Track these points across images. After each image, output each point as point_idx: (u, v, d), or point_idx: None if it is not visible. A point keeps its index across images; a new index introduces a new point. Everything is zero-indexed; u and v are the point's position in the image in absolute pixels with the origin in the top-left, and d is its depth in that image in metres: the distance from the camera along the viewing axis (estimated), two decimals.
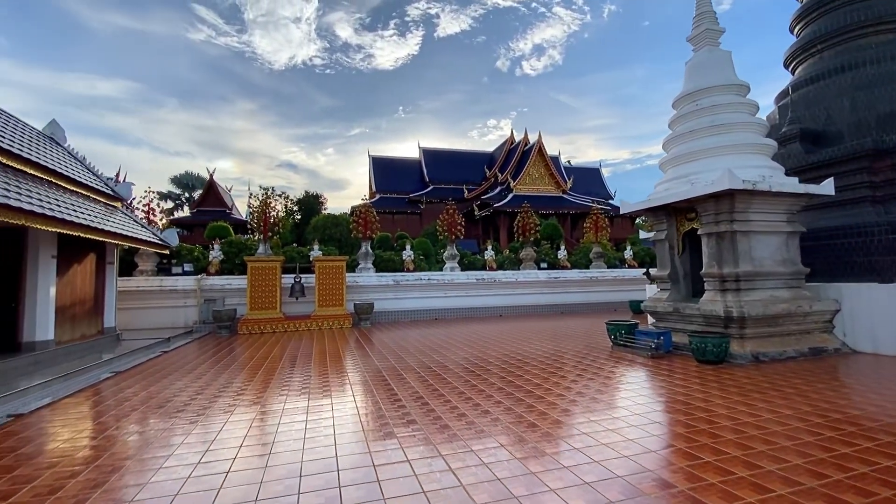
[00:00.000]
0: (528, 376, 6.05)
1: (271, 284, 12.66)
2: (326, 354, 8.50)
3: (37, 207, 6.36)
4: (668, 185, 8.08)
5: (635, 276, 18.36)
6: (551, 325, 12.49)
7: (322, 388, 6.03)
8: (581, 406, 4.64)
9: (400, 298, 15.15)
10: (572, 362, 6.99)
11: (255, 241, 15.21)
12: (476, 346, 8.92)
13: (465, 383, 5.85)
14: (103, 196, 10.64)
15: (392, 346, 9.41)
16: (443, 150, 45.03)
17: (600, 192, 45.98)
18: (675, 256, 8.17)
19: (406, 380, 6.25)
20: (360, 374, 6.74)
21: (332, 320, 12.87)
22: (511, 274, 16.71)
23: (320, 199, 38.85)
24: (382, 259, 16.49)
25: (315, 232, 28.86)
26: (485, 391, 5.40)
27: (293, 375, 6.78)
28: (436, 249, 22.11)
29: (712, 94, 7.86)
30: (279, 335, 11.74)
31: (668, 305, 7.87)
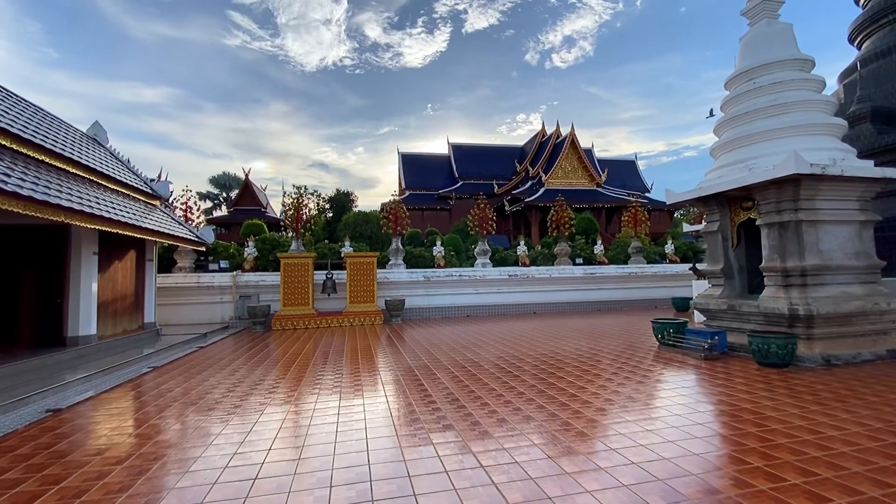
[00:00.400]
0: (567, 377, 5.65)
1: (303, 281, 12.68)
2: (358, 351, 8.35)
3: (76, 204, 6.45)
4: (722, 171, 7.45)
5: (677, 271, 17.47)
6: (589, 322, 11.96)
7: (354, 384, 5.84)
8: (632, 413, 4.22)
9: (431, 295, 14.93)
10: (616, 363, 6.53)
11: (287, 238, 15.32)
12: (509, 344, 8.56)
13: (499, 381, 5.51)
14: (143, 195, 10.89)
15: (424, 343, 9.18)
16: (472, 145, 44.57)
17: (636, 185, 44.37)
18: (728, 249, 7.54)
19: (438, 378, 5.98)
20: (391, 372, 6.52)
21: (363, 317, 12.79)
22: (545, 270, 16.19)
23: (351, 197, 39.20)
24: (413, 255, 16.31)
25: (346, 229, 29.14)
26: (522, 392, 5.05)
27: (326, 372, 6.63)
28: (466, 245, 21.79)
29: (772, 70, 7.16)
30: (311, 331, 11.74)
31: (722, 302, 7.26)
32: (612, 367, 6.22)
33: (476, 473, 3.04)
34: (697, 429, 3.75)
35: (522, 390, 5.19)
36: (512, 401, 4.75)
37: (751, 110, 7.10)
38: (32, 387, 5.45)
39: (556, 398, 4.77)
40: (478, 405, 4.63)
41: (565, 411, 4.32)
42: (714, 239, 7.69)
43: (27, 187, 5.48)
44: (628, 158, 49.00)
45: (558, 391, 5.04)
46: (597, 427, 3.88)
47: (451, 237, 23.73)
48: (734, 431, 3.67)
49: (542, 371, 6.18)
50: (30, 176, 6.08)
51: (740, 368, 5.90)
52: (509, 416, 4.29)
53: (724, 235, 7.56)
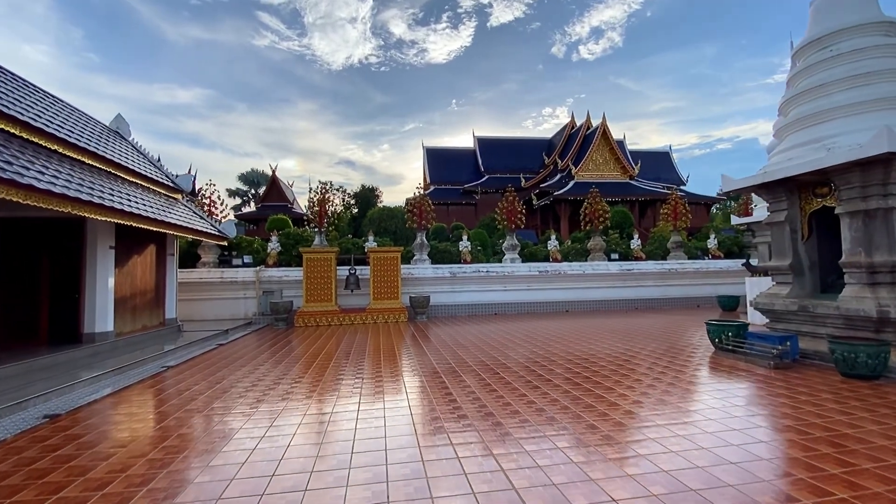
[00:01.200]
0: (614, 387, 4.95)
1: (326, 276, 12.30)
2: (382, 350, 7.84)
3: (85, 195, 6.14)
4: (791, 153, 6.52)
5: (721, 268, 16.28)
6: (627, 322, 11.10)
7: (375, 385, 5.33)
8: (703, 438, 3.50)
9: (457, 291, 14.33)
10: (669, 371, 5.77)
11: (311, 233, 15.02)
12: (540, 345, 7.86)
13: (529, 386, 4.86)
14: (164, 188, 10.69)
15: (449, 342, 8.60)
16: (498, 139, 43.63)
17: (671, 178, 42.50)
18: (798, 242, 6.61)
19: (463, 379, 5.40)
20: (414, 373, 5.97)
21: (387, 314, 12.31)
22: (578, 266, 15.33)
23: (376, 193, 39.03)
24: (438, 250, 15.74)
25: (371, 224, 28.91)
26: (557, 403, 4.39)
27: (347, 372, 6.14)
28: (493, 240, 21.08)
29: (851, 35, 6.19)
30: (335, 328, 11.34)
31: (791, 303, 6.36)
32: (664, 377, 5.47)
33: (496, 477, 2.96)
34: (797, 465, 3.01)
35: (554, 410, 4.52)
36: (545, 409, 4.10)
37: (827, 82, 6.16)
38: (37, 387, 5.14)
39: (604, 415, 4.09)
40: (507, 412, 4.02)
41: (618, 432, 3.65)
42: (780, 231, 6.78)
43: (30, 176, 5.17)
44: (663, 150, 47.06)
45: (608, 406, 4.35)
46: (660, 461, 3.19)
47: (478, 232, 23.06)
48: (847, 469, 2.91)
49: (578, 381, 5.48)
50: (37, 165, 5.79)
51: (821, 380, 5.05)
52: (541, 426, 3.64)
53: (792, 227, 6.64)
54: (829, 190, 6.15)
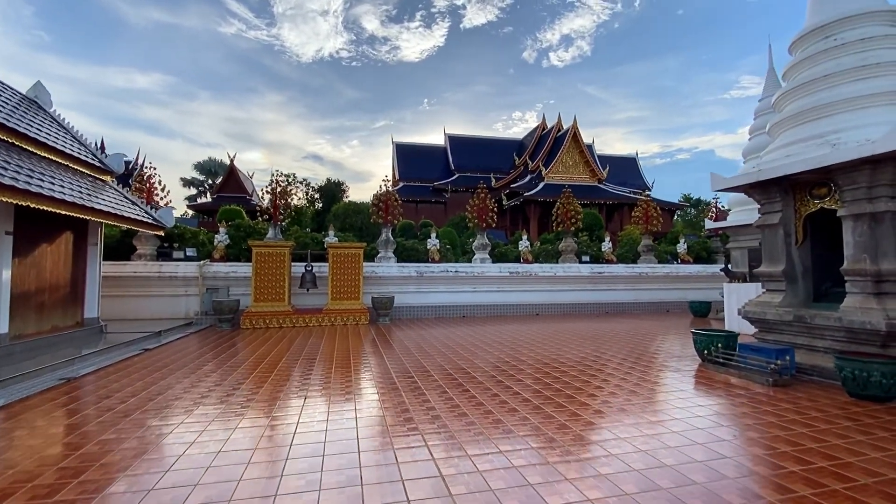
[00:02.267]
0: (599, 410, 4.22)
1: (279, 273, 11.13)
2: (336, 355, 6.86)
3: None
4: (788, 150, 6.03)
5: (691, 272, 16.16)
6: (601, 327, 10.55)
7: (323, 395, 4.38)
8: (713, 478, 2.78)
9: (423, 292, 13.45)
10: (660, 388, 5.11)
11: (264, 226, 13.75)
12: (508, 351, 7.10)
13: (495, 400, 4.06)
14: (88, 167, 9.25)
15: (412, 347, 7.71)
16: (469, 137, 43.04)
17: (637, 183, 43.23)
18: (792, 247, 6.14)
19: (423, 392, 4.56)
20: (369, 382, 5.07)
21: (346, 315, 11.28)
22: (549, 267, 14.77)
23: (342, 187, 37.54)
24: (404, 248, 14.81)
25: (335, 220, 27.64)
26: (524, 426, 3.60)
27: (294, 380, 5.16)
28: (462, 240, 20.35)
29: (857, 24, 5.75)
30: (286, 330, 10.21)
31: (785, 312, 5.86)
32: (655, 395, 4.80)
33: None
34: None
35: (523, 429, 3.73)
36: (511, 433, 3.31)
37: (831, 73, 5.68)
38: None
39: (574, 443, 3.32)
40: (469, 435, 3.19)
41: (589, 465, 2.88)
42: (773, 234, 6.28)
43: None
44: (629, 156, 47.88)
45: (588, 432, 3.59)
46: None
47: (447, 230, 22.27)
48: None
49: (550, 408, 4.72)
50: None
51: (830, 402, 4.50)
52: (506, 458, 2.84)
53: (786, 230, 6.15)
54: (828, 191, 5.68)
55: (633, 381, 5.39)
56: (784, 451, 3.26)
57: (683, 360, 6.73)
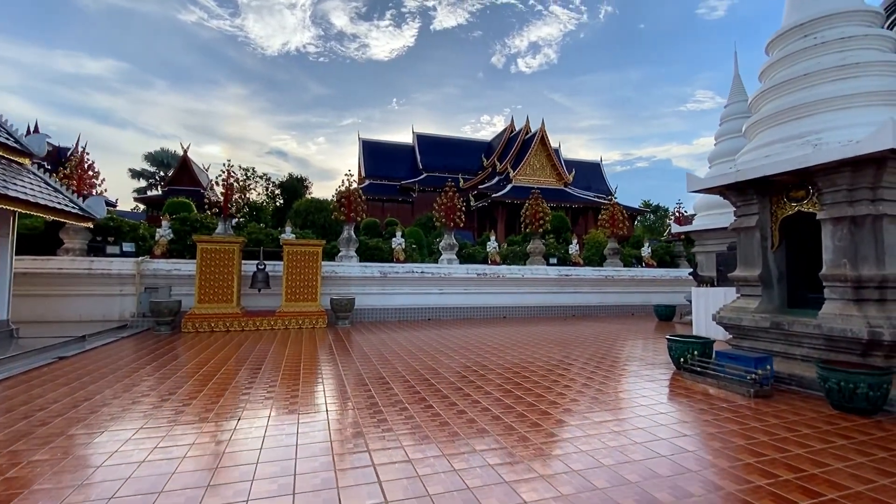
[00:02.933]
0: (576, 427, 3.77)
1: (227, 271, 10.19)
2: (286, 363, 6.13)
3: None
4: (766, 150, 5.83)
5: (655, 276, 16.26)
6: (569, 331, 10.24)
7: (264, 409, 3.70)
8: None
9: (387, 294, 12.79)
10: (638, 402, 4.72)
11: (214, 220, 12.69)
12: (474, 358, 6.61)
13: (461, 417, 3.55)
14: (1, 149, 8.07)
15: (371, 353, 7.07)
16: (438, 137, 42.55)
17: (601, 188, 44.03)
18: (768, 251, 5.94)
19: (379, 408, 3.94)
20: (319, 394, 4.39)
21: (302, 318, 10.46)
22: (517, 269, 14.44)
23: (305, 184, 36.12)
24: (368, 247, 14.09)
25: (297, 217, 26.49)
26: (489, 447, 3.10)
27: (237, 388, 4.43)
28: (429, 240, 19.82)
29: (836, 23, 5.61)
30: (234, 335, 9.31)
31: (762, 318, 5.64)
32: (631, 409, 4.40)
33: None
34: None
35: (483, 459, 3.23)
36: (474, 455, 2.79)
37: (812, 72, 5.51)
38: None
39: (551, 473, 2.84)
40: (425, 466, 2.65)
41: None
42: (749, 238, 6.08)
43: None
44: (594, 161, 48.74)
45: (561, 455, 3.12)
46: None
47: (413, 230, 21.67)
48: None
49: (518, 424, 4.25)
50: None
51: (816, 415, 4.23)
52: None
53: (763, 233, 5.95)
54: (805, 193, 5.50)
55: (609, 394, 4.99)
56: (787, 480, 2.88)
57: (657, 367, 6.43)
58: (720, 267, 9.16)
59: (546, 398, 4.75)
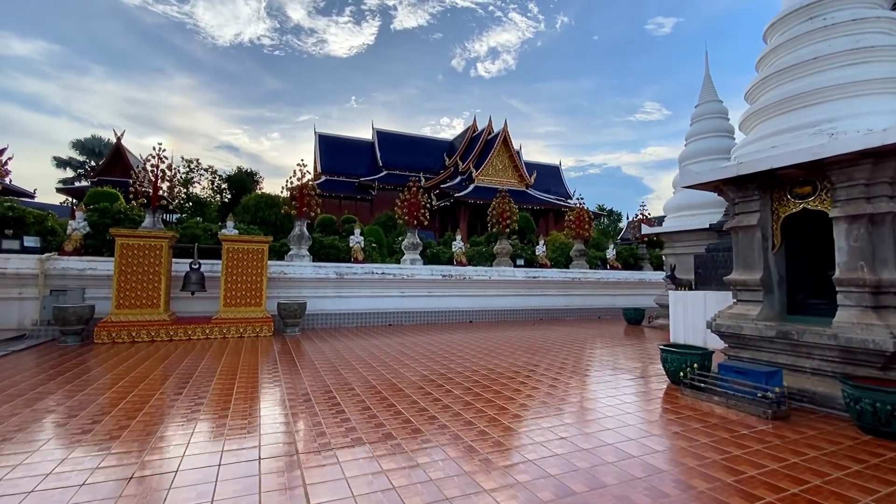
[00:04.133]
0: (557, 453, 2.95)
1: (153, 271, 8.70)
2: (221, 377, 4.93)
3: None
4: (769, 141, 5.32)
5: (620, 278, 16.04)
6: (541, 336, 9.54)
7: (186, 427, 2.61)
8: None
9: (343, 297, 11.63)
10: (645, 428, 3.98)
11: (141, 212, 11.05)
12: (438, 366, 5.71)
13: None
14: None
15: (322, 365, 5.99)
16: (399, 134, 41.38)
17: (560, 191, 44.48)
18: (769, 252, 5.43)
19: (326, 441, 2.94)
20: (257, 416, 3.32)
21: (243, 325, 9.14)
22: (484, 271, 13.68)
23: (255, 178, 33.87)
24: (323, 245, 12.86)
25: (245, 213, 24.58)
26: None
27: (148, 413, 3.27)
28: (389, 240, 18.75)
29: (846, 4, 5.17)
30: (160, 345, 7.90)
31: (766, 327, 5.10)
32: (640, 435, 3.64)
33: None
34: None
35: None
36: None
37: (822, 55, 5.02)
38: None
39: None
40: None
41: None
42: (749, 238, 5.55)
43: None
44: (553, 165, 49.23)
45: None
46: None
47: (373, 229, 20.50)
48: None
49: (500, 448, 3.39)
50: None
51: (851, 442, 3.64)
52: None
53: (763, 233, 5.43)
54: (812, 189, 5.01)
55: (611, 416, 4.22)
56: None
57: (648, 380, 5.79)
58: (698, 269, 8.76)
59: (526, 425, 3.90)
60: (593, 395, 5.07)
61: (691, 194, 11.25)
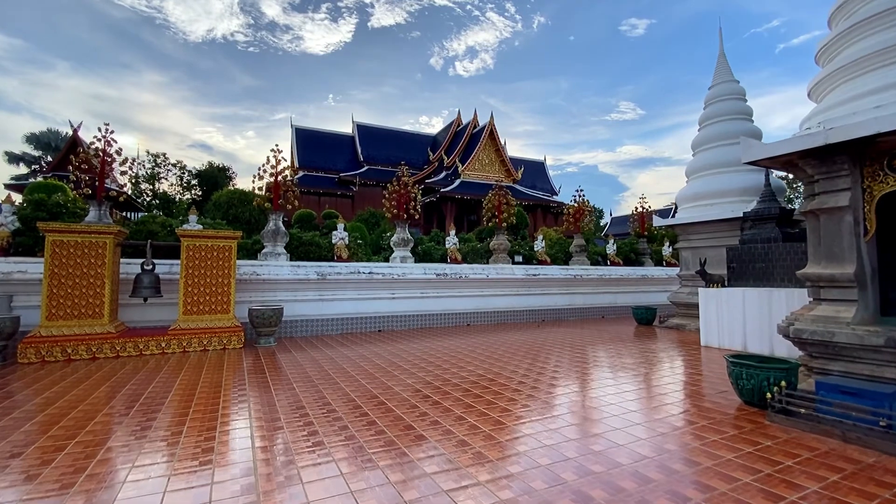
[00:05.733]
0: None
1: (94, 274, 7.22)
2: (173, 405, 3.59)
3: None
4: (869, 100, 4.28)
5: (622, 275, 15.10)
6: (549, 339, 8.40)
7: (122, 463, 1.37)
8: None
9: (326, 300, 10.28)
10: (733, 469, 2.86)
11: (83, 204, 9.49)
12: (432, 377, 4.50)
13: None
14: None
15: (300, 382, 4.71)
16: (380, 128, 39.85)
17: (545, 187, 43.78)
18: (861, 240, 4.40)
19: (298, 473, 1.74)
20: (215, 445, 2.10)
21: (207, 336, 7.73)
22: (481, 269, 12.51)
23: (228, 173, 31.92)
24: (301, 242, 11.47)
25: (216, 210, 22.82)
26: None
27: (89, 444, 2.00)
28: (373, 237, 17.41)
29: None
30: (104, 363, 6.45)
31: (868, 333, 4.06)
32: (748, 495, 2.52)
33: None
34: None
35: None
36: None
37: None
38: None
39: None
40: None
41: None
42: (835, 223, 4.51)
43: None
44: (538, 160, 48.51)
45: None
46: None
47: (355, 225, 19.10)
48: None
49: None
50: None
51: None
52: None
53: (855, 217, 4.40)
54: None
55: (685, 453, 3.09)
56: None
57: (715, 400, 4.70)
58: (732, 264, 7.77)
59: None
60: (656, 421, 3.93)
61: (710, 181, 10.32)
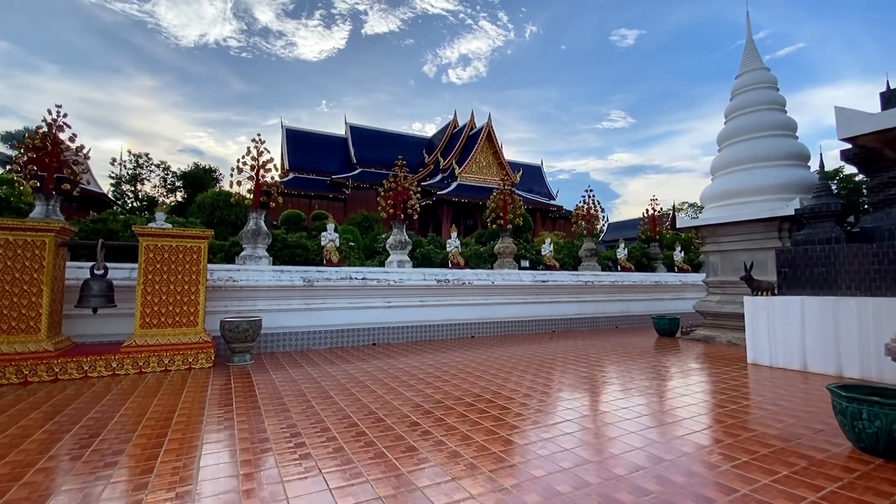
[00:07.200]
0: None
1: (28, 280, 5.99)
2: (119, 436, 2.46)
3: None
4: None
5: (635, 282, 14.07)
6: (571, 353, 7.27)
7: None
8: None
9: (314, 309, 9.09)
10: None
11: (31, 198, 8.25)
12: (442, 408, 3.37)
13: None
14: None
15: (275, 415, 3.55)
16: (374, 129, 38.78)
17: (542, 191, 43.01)
18: None
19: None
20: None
21: (170, 353, 6.51)
22: (485, 275, 11.39)
23: (215, 175, 30.63)
24: (287, 244, 10.30)
25: (201, 212, 21.64)
26: None
27: None
28: (366, 241, 16.26)
29: None
30: (38, 388, 5.22)
31: None
32: None
33: None
34: None
35: None
36: None
37: None
38: None
39: None
40: None
41: None
42: None
43: None
44: (535, 164, 47.78)
45: None
46: None
47: (348, 228, 17.97)
48: None
49: None
50: None
51: None
52: None
53: None
54: None
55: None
56: None
57: (819, 446, 3.59)
58: (783, 268, 6.72)
59: None
60: (742, 481, 2.81)
61: (742, 177, 9.32)
